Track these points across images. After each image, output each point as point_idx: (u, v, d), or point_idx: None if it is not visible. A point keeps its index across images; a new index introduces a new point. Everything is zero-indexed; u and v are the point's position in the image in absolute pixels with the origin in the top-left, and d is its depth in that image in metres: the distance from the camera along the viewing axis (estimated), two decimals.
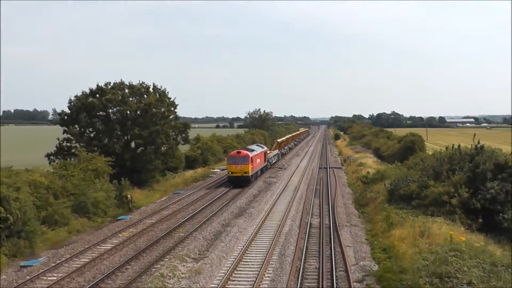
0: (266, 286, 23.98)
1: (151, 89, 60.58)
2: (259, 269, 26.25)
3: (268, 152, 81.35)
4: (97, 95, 57.45)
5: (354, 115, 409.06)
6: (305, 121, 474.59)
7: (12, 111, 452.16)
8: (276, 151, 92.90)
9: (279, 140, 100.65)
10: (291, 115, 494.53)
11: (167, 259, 28.56)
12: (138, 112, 58.45)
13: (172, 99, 62.66)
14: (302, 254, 29.08)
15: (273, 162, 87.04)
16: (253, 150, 66.19)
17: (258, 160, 67.92)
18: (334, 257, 28.41)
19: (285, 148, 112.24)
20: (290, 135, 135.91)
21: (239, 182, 59.79)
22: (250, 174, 60.39)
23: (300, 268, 26.43)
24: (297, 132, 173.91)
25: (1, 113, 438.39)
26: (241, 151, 62.25)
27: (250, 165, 60.06)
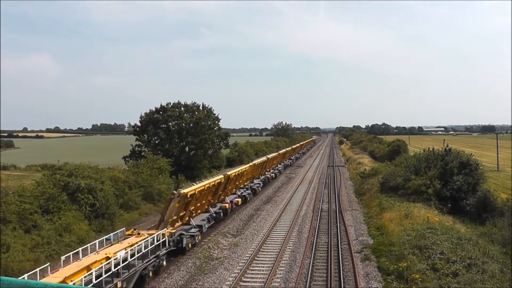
0: (288, 255, 23.92)
1: (200, 107, 60.93)
2: (283, 243, 26.20)
3: None
4: (161, 112, 58.00)
5: (354, 125, 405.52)
6: (317, 131, 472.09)
7: (99, 124, 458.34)
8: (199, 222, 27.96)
9: (231, 174, 35.88)
10: (306, 126, 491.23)
11: (212, 235, 28.61)
12: (191, 125, 58.75)
13: (216, 115, 62.82)
14: (315, 232, 28.96)
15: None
16: None
17: None
18: (339, 234, 28.27)
19: (250, 187, 44.97)
20: (274, 154, 66.85)
21: None
22: None
23: (313, 242, 26.32)
24: (296, 146, 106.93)
25: (91, 126, 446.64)
26: None
27: None
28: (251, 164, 47.25)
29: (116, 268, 17.49)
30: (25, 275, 15.13)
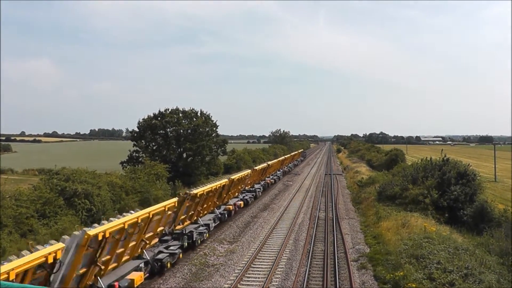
0: (285, 263, 23.87)
1: (198, 114, 61.06)
2: (279, 250, 26.13)
3: None
4: (159, 118, 58.12)
5: (352, 134, 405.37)
6: (314, 139, 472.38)
7: (97, 129, 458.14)
8: None
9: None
10: (304, 134, 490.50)
11: (208, 242, 28.54)
12: (189, 131, 58.86)
13: (214, 121, 62.98)
14: (312, 240, 28.91)
15: None
16: None
17: None
18: (336, 242, 28.18)
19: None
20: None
21: None
22: None
23: (310, 250, 26.25)
24: (262, 166, 56.00)
25: (88, 131, 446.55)
26: None
27: None
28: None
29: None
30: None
